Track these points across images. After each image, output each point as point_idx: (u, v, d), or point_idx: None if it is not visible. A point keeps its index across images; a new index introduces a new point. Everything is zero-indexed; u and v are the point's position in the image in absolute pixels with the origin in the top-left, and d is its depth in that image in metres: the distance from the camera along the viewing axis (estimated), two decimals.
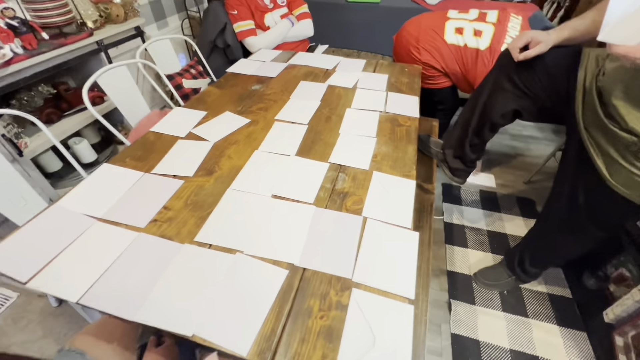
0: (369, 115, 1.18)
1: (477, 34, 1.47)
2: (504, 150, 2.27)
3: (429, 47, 1.55)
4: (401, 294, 0.63)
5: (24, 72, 1.20)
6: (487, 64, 1.43)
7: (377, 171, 0.93)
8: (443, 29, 1.53)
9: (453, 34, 1.51)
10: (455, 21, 1.54)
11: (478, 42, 1.46)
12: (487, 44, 1.44)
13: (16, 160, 1.23)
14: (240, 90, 1.34)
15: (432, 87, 1.65)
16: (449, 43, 1.51)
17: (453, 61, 1.53)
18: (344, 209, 0.81)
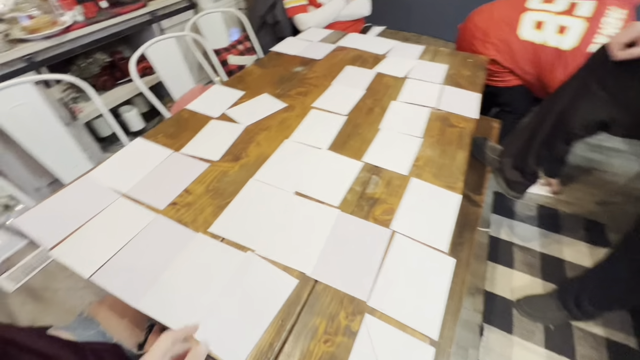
0: (417, 110, 1.05)
1: (562, 30, 1.22)
2: (576, 162, 1.96)
3: (497, 41, 1.32)
4: (422, 332, 0.54)
5: (82, 39, 1.26)
6: (568, 68, 1.19)
7: (417, 178, 0.81)
8: (517, 22, 1.29)
9: (530, 29, 1.27)
10: (535, 13, 1.29)
11: (560, 41, 1.21)
12: (572, 44, 1.19)
13: (70, 124, 1.32)
14: (281, 72, 1.28)
15: (498, 84, 1.43)
16: (523, 39, 1.28)
17: (525, 60, 1.30)
18: (371, 218, 0.72)
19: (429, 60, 1.34)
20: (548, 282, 1.36)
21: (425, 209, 0.74)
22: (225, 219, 0.71)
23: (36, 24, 1.12)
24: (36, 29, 1.12)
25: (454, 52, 1.40)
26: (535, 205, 1.69)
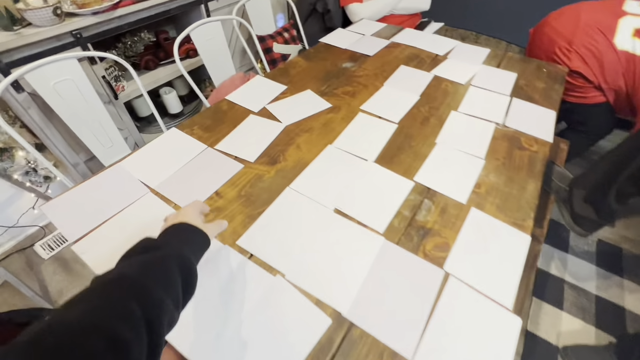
0: (480, 125, 0.92)
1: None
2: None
3: (584, 51, 1.13)
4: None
5: (129, 17, 1.22)
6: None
7: (477, 208, 0.70)
8: (614, 29, 1.09)
9: (629, 37, 1.07)
10: (635, 18, 1.08)
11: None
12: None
13: (111, 102, 1.30)
14: (328, 66, 1.18)
15: (577, 101, 1.24)
16: (620, 49, 1.08)
17: (617, 74, 1.11)
18: (420, 252, 0.62)
19: (495, 67, 1.18)
20: (603, 332, 1.19)
21: (487, 249, 0.62)
22: (256, 231, 0.64)
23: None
24: (86, 3, 1.10)
25: (525, 59, 1.23)
26: (594, 240, 1.49)
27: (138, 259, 0.38)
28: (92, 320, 0.25)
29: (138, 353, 0.25)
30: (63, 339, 0.23)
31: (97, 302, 0.28)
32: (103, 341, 0.24)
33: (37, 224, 1.51)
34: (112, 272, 0.34)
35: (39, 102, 1.10)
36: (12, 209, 1.43)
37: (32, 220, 1.50)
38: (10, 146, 1.22)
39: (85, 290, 0.29)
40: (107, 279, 0.32)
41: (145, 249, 0.40)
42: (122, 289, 0.30)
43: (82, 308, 0.27)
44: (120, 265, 0.38)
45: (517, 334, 0.52)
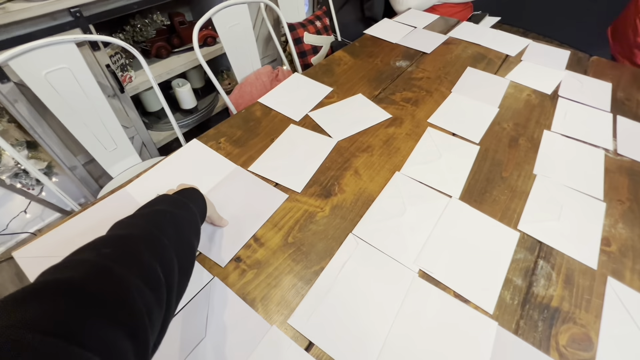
0: (585, 151, 0.71)
1: None
2: None
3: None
4: None
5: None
6: None
7: (615, 278, 0.50)
8: None
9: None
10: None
11: None
12: None
13: (116, 96, 1.11)
14: (379, 65, 0.97)
15: None
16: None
17: None
18: (553, 349, 0.43)
19: (582, 73, 0.96)
20: None
21: None
22: (314, 304, 0.45)
23: None
24: None
25: (615, 65, 1.01)
26: None
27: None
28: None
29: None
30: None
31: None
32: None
33: (28, 229, 1.34)
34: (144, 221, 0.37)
35: (29, 95, 0.91)
36: (0, 213, 1.25)
37: (24, 224, 1.32)
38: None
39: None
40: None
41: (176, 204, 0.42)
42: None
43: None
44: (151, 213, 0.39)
45: None
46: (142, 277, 0.27)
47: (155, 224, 0.35)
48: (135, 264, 0.28)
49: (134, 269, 0.27)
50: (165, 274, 0.30)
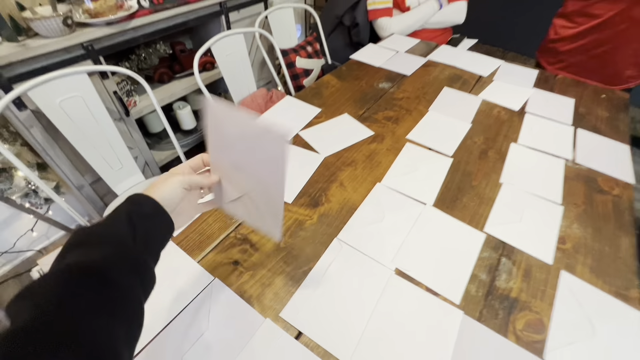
0: (547, 161, 0.80)
1: None
2: None
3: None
4: None
5: (145, 28, 1.12)
6: None
7: (568, 271, 0.57)
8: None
9: None
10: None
11: None
12: None
13: (122, 119, 1.20)
14: (364, 87, 1.06)
15: None
16: None
17: None
18: (511, 334, 0.49)
19: (549, 90, 1.06)
20: None
21: (594, 331, 0.49)
22: (303, 300, 0.52)
23: (100, 7, 0.99)
24: (99, 12, 0.99)
25: (579, 83, 1.11)
26: None
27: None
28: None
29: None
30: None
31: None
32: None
33: (34, 247, 1.39)
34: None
35: (43, 121, 0.99)
36: (8, 232, 1.31)
37: (30, 243, 1.38)
38: (9, 166, 1.11)
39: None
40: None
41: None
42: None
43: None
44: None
45: None
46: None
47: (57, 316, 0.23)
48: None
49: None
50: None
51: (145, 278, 0.33)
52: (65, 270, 0.26)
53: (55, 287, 0.25)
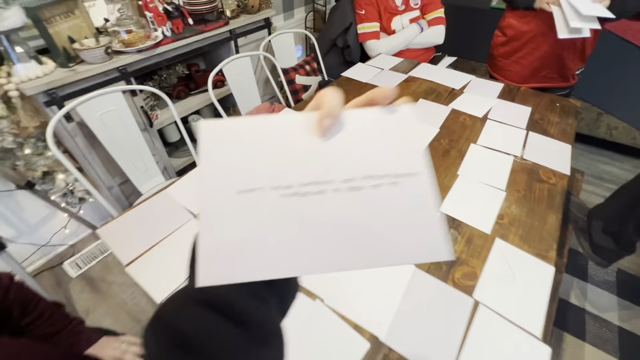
0: (499, 158, 0.97)
1: None
2: None
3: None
4: None
5: (168, 53, 1.34)
6: None
7: (502, 239, 0.73)
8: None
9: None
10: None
11: None
12: None
13: (146, 130, 1.40)
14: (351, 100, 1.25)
15: None
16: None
17: None
18: (450, 281, 0.65)
19: (510, 101, 1.24)
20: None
21: (514, 279, 0.65)
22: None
23: (132, 38, 1.21)
24: (132, 42, 1.21)
25: (538, 94, 1.29)
26: (613, 270, 1.49)
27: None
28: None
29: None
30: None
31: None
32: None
33: (67, 242, 1.58)
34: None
35: (85, 131, 1.20)
36: (45, 229, 1.50)
37: (63, 239, 1.57)
38: (53, 170, 1.31)
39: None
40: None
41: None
42: None
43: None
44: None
45: None
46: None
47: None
48: None
49: None
50: None
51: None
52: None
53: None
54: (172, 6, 1.34)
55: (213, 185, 0.22)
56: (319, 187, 0.22)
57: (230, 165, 0.22)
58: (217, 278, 0.21)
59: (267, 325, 0.22)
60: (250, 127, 0.23)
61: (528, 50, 1.30)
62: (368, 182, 0.22)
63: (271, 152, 0.23)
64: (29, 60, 1.03)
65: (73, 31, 1.13)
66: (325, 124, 0.22)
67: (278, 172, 0.22)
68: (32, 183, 1.25)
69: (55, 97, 1.08)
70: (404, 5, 1.65)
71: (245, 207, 0.22)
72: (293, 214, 0.22)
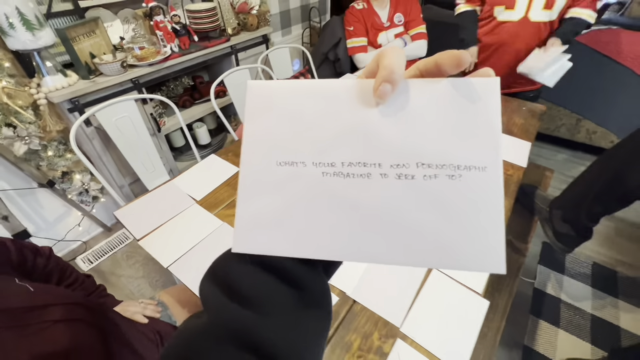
0: None
1: None
2: (638, 220, 1.81)
3: None
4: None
5: (175, 67, 1.50)
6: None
7: None
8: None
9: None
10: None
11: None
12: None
13: (155, 135, 1.55)
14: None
15: None
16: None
17: None
18: None
19: None
20: (599, 349, 1.26)
21: None
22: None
23: (144, 53, 1.37)
24: (144, 57, 1.37)
25: (507, 99, 1.43)
26: (589, 263, 1.58)
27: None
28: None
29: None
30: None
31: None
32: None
33: (80, 239, 1.71)
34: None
35: (101, 134, 1.35)
36: (61, 225, 1.64)
37: (76, 236, 1.70)
38: (71, 170, 1.46)
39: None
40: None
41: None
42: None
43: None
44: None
45: (483, 314, 0.65)
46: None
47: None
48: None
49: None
50: None
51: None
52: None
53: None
54: (179, 25, 1.51)
55: (253, 153, 0.21)
56: (364, 170, 0.20)
57: (273, 133, 0.21)
58: (251, 247, 0.21)
59: (316, 289, 0.23)
60: (300, 91, 0.21)
61: (494, 60, 1.46)
62: (422, 170, 0.19)
63: (317, 122, 0.21)
64: (57, 73, 1.19)
65: (94, 48, 1.30)
66: (383, 90, 0.19)
67: (322, 146, 0.20)
68: (52, 182, 1.40)
69: (77, 104, 1.24)
70: (389, 22, 1.82)
71: (284, 180, 0.21)
72: (333, 196, 0.20)
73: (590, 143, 2.18)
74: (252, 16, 1.80)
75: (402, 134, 0.20)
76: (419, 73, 0.21)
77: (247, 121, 0.22)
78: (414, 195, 0.19)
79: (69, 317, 0.50)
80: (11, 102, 1.14)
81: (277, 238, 0.21)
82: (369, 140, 0.20)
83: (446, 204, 0.19)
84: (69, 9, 1.27)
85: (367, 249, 0.20)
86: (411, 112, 0.20)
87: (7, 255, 0.61)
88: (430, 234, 0.19)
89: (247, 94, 0.22)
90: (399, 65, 0.19)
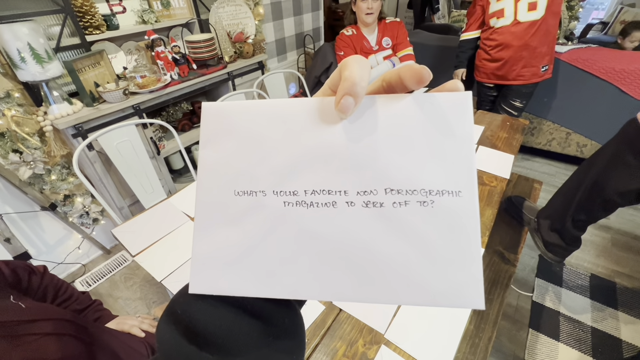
0: None
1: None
2: (635, 230, 1.81)
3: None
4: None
5: (174, 93, 1.58)
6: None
7: None
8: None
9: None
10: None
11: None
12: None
13: (155, 158, 1.61)
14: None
15: None
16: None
17: None
18: None
19: None
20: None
21: None
22: None
23: (145, 81, 1.46)
24: (145, 85, 1.45)
25: (494, 115, 1.49)
26: (587, 275, 1.58)
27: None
28: None
29: None
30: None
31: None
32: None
33: (79, 262, 1.73)
34: None
35: (102, 158, 1.41)
36: (61, 248, 1.66)
37: (76, 258, 1.72)
38: (73, 193, 1.51)
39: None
40: None
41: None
42: None
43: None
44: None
45: (466, 318, 0.67)
46: None
47: None
48: None
49: None
50: None
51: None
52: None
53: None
54: (179, 55, 1.61)
55: (209, 182, 0.20)
56: (329, 198, 0.18)
57: (230, 159, 0.20)
58: (209, 288, 0.19)
59: (286, 321, 0.21)
60: (257, 113, 0.19)
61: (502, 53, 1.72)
62: (392, 197, 0.18)
63: (277, 147, 0.19)
64: (62, 102, 1.27)
65: (98, 78, 1.38)
66: (345, 104, 0.17)
67: (283, 173, 0.19)
68: (54, 205, 1.44)
69: (81, 130, 1.31)
70: (377, 46, 1.92)
71: (243, 212, 0.19)
72: (296, 228, 0.19)
73: (582, 156, 2.21)
74: (248, 45, 1.91)
75: (368, 157, 0.18)
76: (385, 85, 0.20)
77: (201, 146, 0.20)
78: (383, 226, 0.18)
79: (59, 332, 0.53)
80: (19, 130, 1.21)
81: (236, 277, 0.19)
82: (333, 165, 0.18)
83: (418, 234, 0.18)
84: (76, 43, 1.37)
85: (333, 287, 0.19)
86: (377, 132, 0.18)
87: (2, 276, 0.65)
88: (401, 268, 0.18)
89: (202, 115, 0.21)
90: (361, 77, 0.17)
